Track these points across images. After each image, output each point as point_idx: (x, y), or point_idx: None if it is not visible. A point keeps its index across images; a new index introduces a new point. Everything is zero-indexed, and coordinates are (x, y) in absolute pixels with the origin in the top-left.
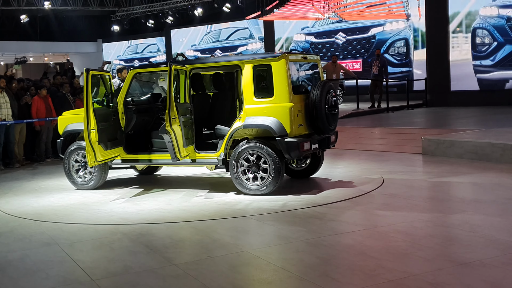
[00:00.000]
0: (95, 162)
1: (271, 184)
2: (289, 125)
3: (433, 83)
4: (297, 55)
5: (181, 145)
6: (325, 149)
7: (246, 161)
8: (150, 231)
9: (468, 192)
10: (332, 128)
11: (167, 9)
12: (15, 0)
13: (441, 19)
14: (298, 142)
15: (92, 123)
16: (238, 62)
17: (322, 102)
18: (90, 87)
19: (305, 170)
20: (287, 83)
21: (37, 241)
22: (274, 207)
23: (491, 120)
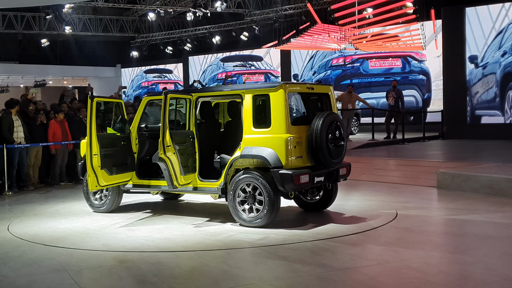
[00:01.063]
0: (97, 187)
1: (265, 216)
2: (285, 156)
3: (450, 116)
4: (301, 85)
5: (178, 173)
6: (333, 182)
7: (243, 191)
8: (159, 259)
9: (483, 228)
10: (337, 161)
11: (186, 36)
12: (37, 25)
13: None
14: (293, 174)
15: (95, 148)
16: (239, 91)
17: (323, 134)
18: (94, 114)
19: (318, 203)
20: (284, 114)
21: (46, 266)
22: (285, 239)
23: (506, 155)
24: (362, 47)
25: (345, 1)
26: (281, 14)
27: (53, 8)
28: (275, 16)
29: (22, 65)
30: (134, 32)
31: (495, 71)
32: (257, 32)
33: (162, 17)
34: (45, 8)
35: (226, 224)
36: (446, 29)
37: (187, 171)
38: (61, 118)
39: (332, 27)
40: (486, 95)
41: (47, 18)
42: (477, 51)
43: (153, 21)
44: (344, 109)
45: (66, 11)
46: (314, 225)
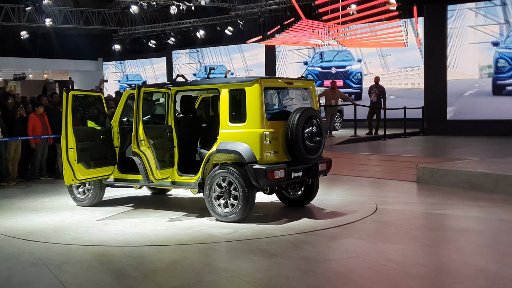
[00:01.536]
0: (74, 180)
1: (240, 211)
2: (259, 151)
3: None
4: (278, 80)
5: (154, 167)
6: (312, 178)
7: (219, 186)
8: (141, 253)
9: (459, 221)
10: (314, 157)
11: (169, 30)
12: (16, 16)
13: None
14: (267, 169)
15: (70, 142)
16: (217, 85)
17: (299, 129)
18: (70, 107)
19: (300, 198)
20: (259, 109)
21: (25, 261)
22: (266, 233)
23: (486, 150)
24: (345, 43)
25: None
26: (265, 9)
27: (33, 0)
28: (259, 11)
29: (0, 58)
30: (116, 25)
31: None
32: (242, 27)
33: (145, 10)
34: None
35: (211, 217)
36: (428, 26)
37: (164, 165)
38: (40, 111)
39: (316, 23)
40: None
41: (26, 10)
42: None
43: (136, 14)
44: (327, 105)
45: (46, 3)
46: (295, 219)
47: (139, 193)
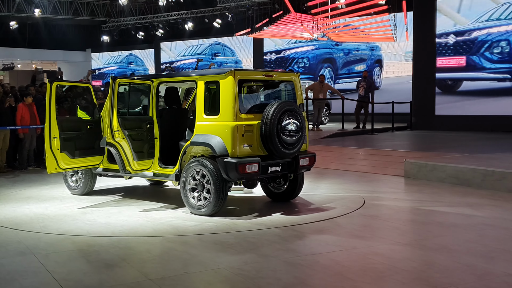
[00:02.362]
0: (57, 169)
1: (211, 205)
2: (231, 144)
3: (418, 107)
4: (256, 73)
5: (131, 158)
6: (293, 173)
7: (193, 179)
8: (129, 244)
9: (447, 216)
10: (290, 151)
11: (158, 22)
12: (5, 6)
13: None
14: (237, 163)
15: (54, 131)
16: (194, 77)
17: (273, 122)
18: (53, 97)
19: (285, 193)
20: (232, 101)
21: (13, 250)
22: (253, 226)
23: (473, 146)
24: (334, 36)
25: None
26: (254, 1)
27: None
28: (248, 4)
29: None
30: (105, 16)
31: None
32: (230, 19)
33: (133, 1)
34: None
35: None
36: (416, 21)
37: (142, 156)
38: (29, 101)
39: (305, 16)
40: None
41: (16, 0)
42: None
43: (124, 6)
44: (315, 98)
45: None
46: (282, 213)
47: (133, 184)
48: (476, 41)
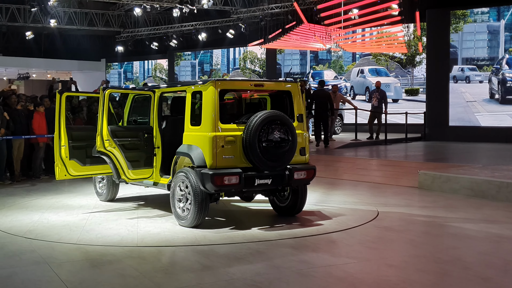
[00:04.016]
0: (66, 176)
1: (191, 217)
2: (209, 155)
3: (432, 117)
4: (243, 83)
5: (125, 166)
6: (287, 186)
7: (180, 189)
8: (142, 254)
9: (461, 228)
10: (275, 164)
11: (172, 32)
12: (21, 17)
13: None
14: (213, 174)
15: (63, 140)
16: (184, 87)
17: (255, 134)
18: (63, 108)
19: (289, 207)
20: (212, 111)
21: (27, 259)
22: (266, 237)
23: (488, 157)
24: (347, 47)
25: (331, 2)
26: (267, 12)
27: (38, 1)
28: (261, 15)
29: (5, 57)
30: (120, 26)
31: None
32: (243, 30)
33: (148, 12)
34: (30, 0)
35: (217, 219)
36: (430, 32)
37: (137, 166)
38: (41, 110)
39: (318, 27)
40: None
41: (32, 11)
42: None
43: (139, 16)
44: None
45: (51, 4)
46: (294, 223)
47: (155, 192)
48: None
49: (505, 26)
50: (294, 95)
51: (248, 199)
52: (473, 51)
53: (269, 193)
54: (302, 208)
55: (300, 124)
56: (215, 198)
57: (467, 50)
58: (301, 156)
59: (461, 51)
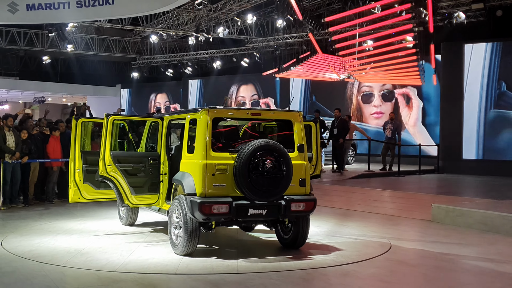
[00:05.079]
0: (80, 199)
1: (181, 244)
2: (199, 183)
3: (446, 150)
4: (239, 111)
5: (128, 192)
6: (283, 218)
7: (176, 217)
8: (153, 281)
9: (475, 264)
10: (265, 195)
11: (187, 60)
12: (39, 42)
13: (455, 87)
14: (201, 203)
15: (77, 164)
16: (184, 115)
17: (245, 163)
18: (78, 133)
19: (291, 240)
20: (204, 139)
21: (39, 283)
22: (278, 267)
23: (502, 191)
24: (361, 78)
25: (346, 33)
26: (282, 42)
27: (56, 26)
28: (276, 44)
29: (22, 81)
30: (136, 53)
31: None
32: (258, 59)
33: (164, 40)
34: (48, 25)
35: (216, 248)
36: (445, 65)
37: (141, 191)
38: (57, 135)
39: (332, 58)
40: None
41: (49, 36)
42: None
43: (155, 44)
44: None
45: (69, 30)
46: (306, 254)
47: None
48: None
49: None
50: (294, 124)
51: (247, 229)
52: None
53: (270, 224)
54: (303, 241)
55: (301, 154)
56: (208, 226)
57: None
58: (301, 187)
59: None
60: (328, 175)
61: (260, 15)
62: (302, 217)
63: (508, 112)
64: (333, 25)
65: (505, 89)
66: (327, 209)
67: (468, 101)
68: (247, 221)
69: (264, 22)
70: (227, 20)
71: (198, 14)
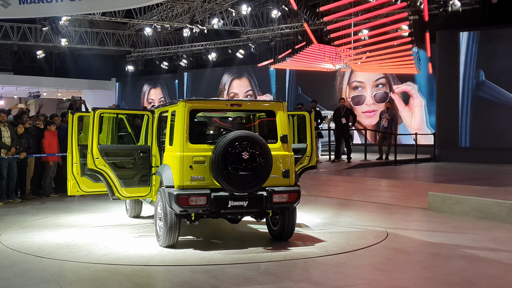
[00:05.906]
0: (79, 192)
1: (163, 236)
2: (177, 175)
3: (442, 138)
4: (217, 102)
5: (117, 184)
6: (265, 209)
7: (160, 209)
8: (151, 273)
9: (471, 251)
10: (242, 187)
11: (182, 52)
12: (33, 36)
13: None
14: (177, 195)
15: (75, 157)
16: (167, 107)
17: (221, 154)
18: (75, 128)
19: (278, 232)
20: (182, 131)
21: (37, 277)
22: (276, 257)
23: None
24: (357, 67)
25: (341, 23)
26: (277, 33)
27: (50, 20)
28: (271, 35)
29: (16, 76)
30: (130, 46)
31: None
32: (253, 50)
33: (158, 32)
34: (41, 20)
35: (214, 241)
36: (440, 53)
37: (130, 184)
38: (53, 129)
39: (327, 47)
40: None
41: (43, 30)
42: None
43: (149, 36)
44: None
45: (62, 24)
46: (303, 244)
47: None
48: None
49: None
50: (277, 114)
51: (233, 221)
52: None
53: (257, 216)
54: (291, 233)
55: (284, 145)
56: (191, 218)
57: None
58: (284, 178)
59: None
60: (325, 165)
61: (254, 6)
62: (287, 208)
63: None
64: (328, 14)
65: (483, 78)
66: (324, 199)
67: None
68: (229, 213)
69: (259, 13)
70: (222, 11)
71: (192, 5)
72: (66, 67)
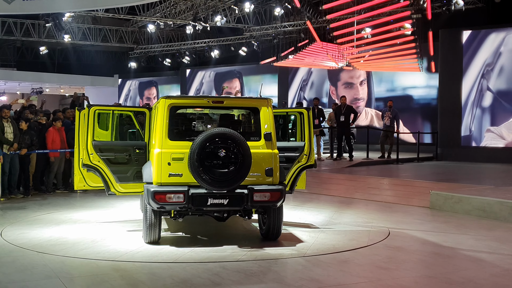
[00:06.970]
0: (85, 186)
1: (144, 232)
2: (155, 172)
3: (444, 137)
4: (198, 99)
5: (112, 180)
6: (247, 208)
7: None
8: (152, 270)
9: (473, 250)
10: (218, 185)
11: (185, 49)
12: (36, 32)
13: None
14: (154, 191)
15: (81, 153)
16: (155, 104)
17: (197, 151)
18: (82, 124)
19: (265, 231)
20: (160, 128)
21: (39, 273)
22: (277, 255)
23: (500, 178)
24: (359, 66)
25: (344, 21)
26: (280, 30)
27: (53, 16)
28: (274, 33)
29: (19, 72)
30: (133, 43)
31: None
32: (256, 48)
33: (161, 29)
34: (44, 16)
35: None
36: (443, 51)
37: (125, 179)
38: (58, 126)
39: (330, 45)
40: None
41: (46, 26)
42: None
43: (152, 33)
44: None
45: (66, 20)
46: (305, 242)
47: None
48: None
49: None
50: (261, 111)
51: (220, 219)
52: None
53: (244, 214)
54: (277, 232)
55: (268, 143)
56: (174, 216)
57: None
58: (267, 177)
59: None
60: (327, 163)
61: (257, 3)
62: (271, 208)
63: (492, 98)
64: (331, 12)
65: (486, 77)
66: (326, 197)
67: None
68: (209, 211)
69: (262, 10)
70: (225, 8)
71: (195, 2)
72: (69, 63)
